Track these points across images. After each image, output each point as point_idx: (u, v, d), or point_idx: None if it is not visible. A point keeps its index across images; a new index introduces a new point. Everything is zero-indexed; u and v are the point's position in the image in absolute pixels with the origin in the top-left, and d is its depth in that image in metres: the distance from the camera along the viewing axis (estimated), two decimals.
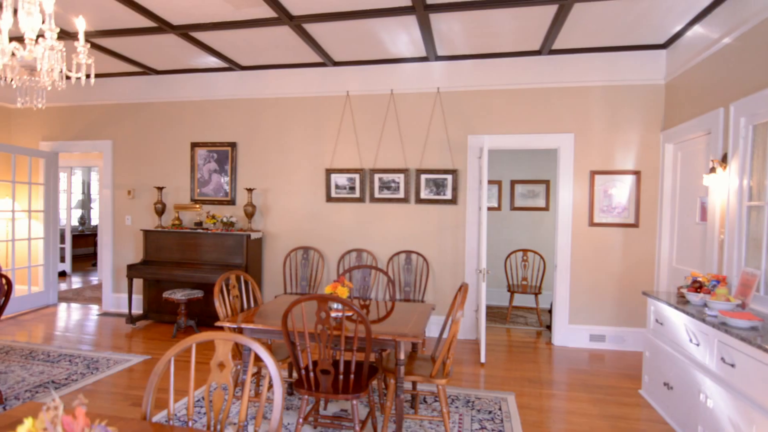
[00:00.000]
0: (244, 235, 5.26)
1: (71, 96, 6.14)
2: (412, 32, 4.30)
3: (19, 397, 3.37)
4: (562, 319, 4.91)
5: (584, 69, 4.78)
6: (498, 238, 6.84)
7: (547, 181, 6.78)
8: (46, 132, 6.36)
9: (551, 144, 4.93)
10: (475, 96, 5.08)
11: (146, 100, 5.98)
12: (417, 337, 2.54)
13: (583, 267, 4.87)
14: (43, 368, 3.95)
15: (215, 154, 5.77)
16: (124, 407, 3.27)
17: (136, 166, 6.06)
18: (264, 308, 3.18)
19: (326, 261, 5.45)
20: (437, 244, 5.20)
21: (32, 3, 2.38)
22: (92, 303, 6.51)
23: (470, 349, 4.75)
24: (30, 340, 4.81)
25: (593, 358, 4.52)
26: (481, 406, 3.36)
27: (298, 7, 3.83)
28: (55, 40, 2.45)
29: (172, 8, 3.89)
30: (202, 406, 3.27)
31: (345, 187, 5.37)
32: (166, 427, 1.45)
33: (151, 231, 5.55)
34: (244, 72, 5.57)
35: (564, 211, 4.88)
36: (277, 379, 1.56)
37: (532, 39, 4.42)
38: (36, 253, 6.33)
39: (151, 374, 1.62)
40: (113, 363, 4.12)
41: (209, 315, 5.35)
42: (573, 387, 3.78)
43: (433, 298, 5.21)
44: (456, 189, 5.11)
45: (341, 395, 2.46)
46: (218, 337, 1.66)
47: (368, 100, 5.34)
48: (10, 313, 5.75)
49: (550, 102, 4.91)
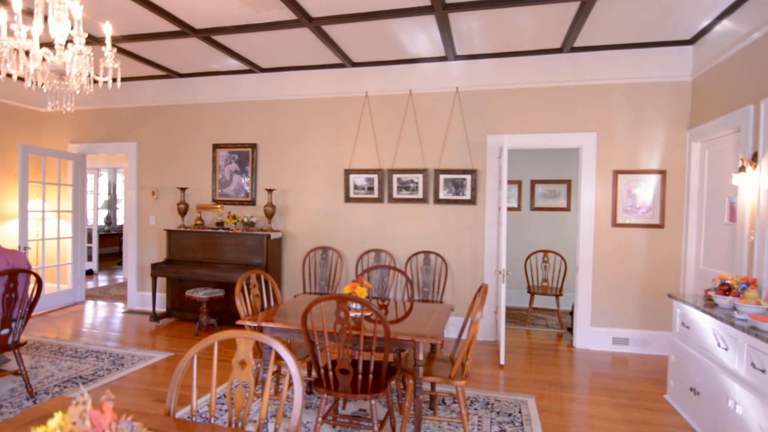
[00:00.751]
0: (264, 235, 5.32)
1: (98, 99, 6.31)
2: (431, 32, 4.28)
3: (49, 391, 3.48)
4: (584, 321, 4.82)
5: (607, 66, 4.68)
6: (518, 238, 6.76)
7: (568, 181, 6.68)
8: (75, 135, 6.56)
9: (573, 143, 4.85)
10: (494, 95, 5.03)
11: (170, 103, 6.11)
12: (436, 338, 2.53)
13: (605, 268, 4.77)
14: (71, 364, 4.07)
15: (236, 155, 5.86)
16: (148, 403, 3.34)
17: (159, 167, 6.19)
18: (284, 307, 3.21)
19: (345, 261, 5.48)
20: (456, 244, 5.16)
21: (62, 10, 2.46)
22: (118, 301, 6.69)
23: (489, 350, 4.71)
24: (59, 336, 4.96)
25: (616, 362, 4.42)
26: (501, 408, 3.32)
27: (318, 9, 3.86)
28: (83, 45, 2.52)
29: (195, 12, 3.96)
30: (223, 403, 3.32)
31: (363, 187, 5.39)
32: (189, 423, 1.47)
33: (174, 231, 5.67)
34: (264, 74, 5.64)
35: (586, 212, 4.80)
36: (297, 378, 1.57)
37: (552, 37, 4.35)
38: (64, 252, 6.53)
39: (175, 371, 1.65)
40: (138, 360, 4.21)
41: (230, 313, 5.44)
42: (595, 391, 3.71)
43: (452, 298, 5.19)
44: (475, 189, 5.07)
45: (360, 395, 2.47)
46: (240, 336, 1.68)
47: (387, 100, 5.34)
48: (40, 310, 5.94)
49: (571, 100, 4.83)
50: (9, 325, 3.14)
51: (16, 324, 3.21)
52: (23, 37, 2.40)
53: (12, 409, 3.16)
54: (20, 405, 3.22)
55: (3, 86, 5.99)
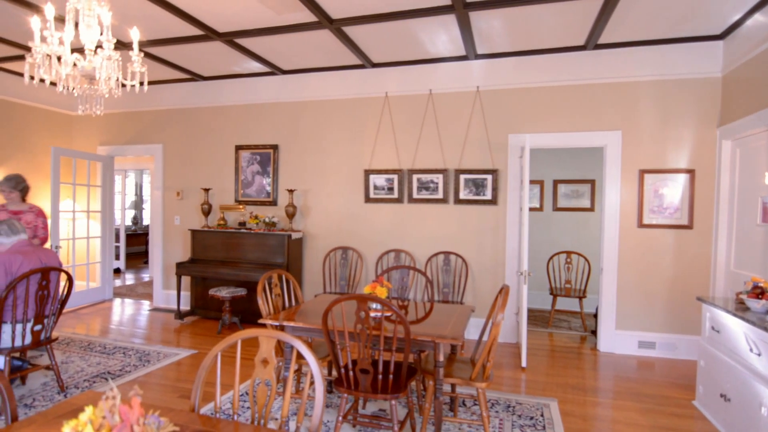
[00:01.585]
0: (285, 235, 5.38)
1: (125, 103, 6.49)
2: (451, 31, 4.26)
3: (79, 386, 3.59)
4: (609, 324, 4.72)
5: (633, 63, 4.57)
6: (540, 239, 6.67)
7: (592, 181, 6.55)
8: (103, 137, 6.76)
9: (597, 142, 4.76)
10: (516, 94, 4.97)
11: (194, 105, 6.24)
12: (456, 339, 2.51)
13: (631, 270, 4.66)
14: (100, 359, 4.19)
15: (258, 156, 5.94)
16: (173, 399, 3.41)
17: (184, 168, 6.33)
18: (305, 307, 3.24)
19: (365, 261, 5.49)
20: (476, 245, 5.12)
21: (91, 16, 2.54)
22: (144, 299, 6.86)
23: (510, 352, 4.65)
24: (88, 332, 5.12)
25: (642, 366, 4.32)
26: (522, 411, 3.28)
27: (338, 11, 3.88)
28: (112, 51, 2.59)
29: (219, 16, 4.04)
30: (245, 401, 3.37)
31: (383, 187, 5.40)
32: (212, 419, 1.50)
33: (198, 231, 5.78)
34: (285, 76, 5.71)
35: (611, 212, 4.69)
36: (319, 377, 1.58)
37: (576, 34, 4.28)
38: (94, 251, 6.73)
39: (199, 368, 1.68)
40: (163, 356, 4.31)
41: (252, 312, 5.52)
42: (620, 395, 3.63)
43: (472, 299, 5.14)
44: (496, 189, 5.02)
45: (380, 395, 2.47)
46: (262, 334, 1.71)
47: (407, 100, 5.34)
48: (71, 307, 6.14)
49: (595, 98, 4.73)
50: (41, 321, 3.26)
51: (48, 320, 3.32)
52: (55, 43, 2.48)
53: (44, 402, 3.27)
54: (52, 398, 3.33)
55: (36, 91, 6.22)
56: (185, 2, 3.77)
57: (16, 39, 4.68)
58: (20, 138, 6.18)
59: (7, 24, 4.28)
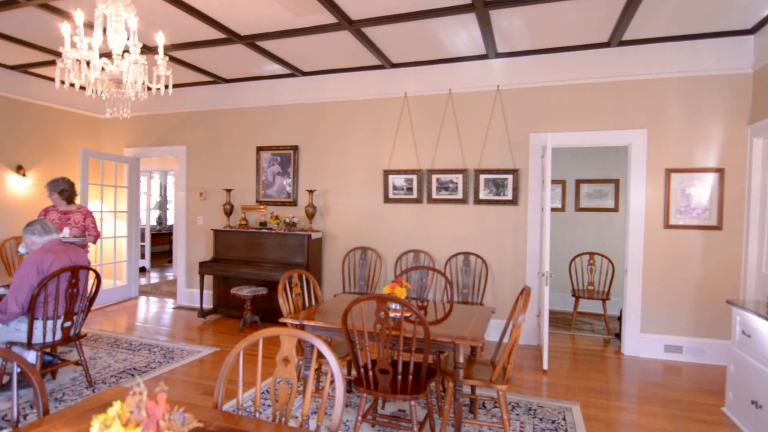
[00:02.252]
0: (305, 235, 5.43)
1: (150, 106, 6.64)
2: (471, 30, 4.23)
3: (106, 381, 3.69)
4: (633, 327, 4.61)
5: (659, 60, 4.46)
6: (562, 240, 6.56)
7: (616, 181, 6.41)
8: (130, 139, 6.94)
9: (621, 141, 4.66)
10: (537, 93, 4.91)
11: (216, 108, 6.35)
12: (476, 340, 2.49)
13: (657, 272, 4.54)
14: (126, 356, 4.31)
15: (278, 157, 6.01)
16: (196, 395, 3.48)
17: (207, 169, 6.45)
18: (324, 306, 3.26)
19: (384, 261, 5.50)
20: (497, 245, 5.07)
21: (119, 21, 2.61)
22: (168, 297, 7.01)
23: (531, 355, 4.59)
24: (115, 329, 5.26)
25: (668, 371, 4.20)
26: (544, 415, 3.23)
27: (358, 12, 3.89)
28: (138, 55, 2.66)
29: (240, 19, 4.10)
30: (265, 398, 3.41)
31: (402, 188, 5.39)
32: (235, 416, 1.52)
33: (220, 230, 5.88)
34: (305, 77, 5.76)
35: (636, 212, 4.59)
36: (339, 377, 1.59)
37: (599, 30, 4.20)
38: (120, 250, 6.92)
39: (222, 366, 1.71)
40: (186, 354, 4.40)
41: (272, 311, 5.58)
42: (645, 400, 3.54)
43: (492, 301, 5.10)
44: (517, 189, 4.96)
45: (399, 395, 2.47)
46: (283, 333, 1.72)
47: (426, 100, 5.32)
48: (98, 305, 6.32)
49: (620, 96, 4.63)
50: (71, 318, 3.36)
51: (77, 317, 3.43)
52: (84, 49, 2.56)
53: (73, 396, 3.38)
54: (80, 393, 3.43)
55: (66, 95, 6.42)
56: (209, 6, 3.84)
57: (47, 45, 4.84)
58: (51, 140, 6.40)
59: (39, 30, 4.43)
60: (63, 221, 4.31)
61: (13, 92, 5.88)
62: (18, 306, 3.10)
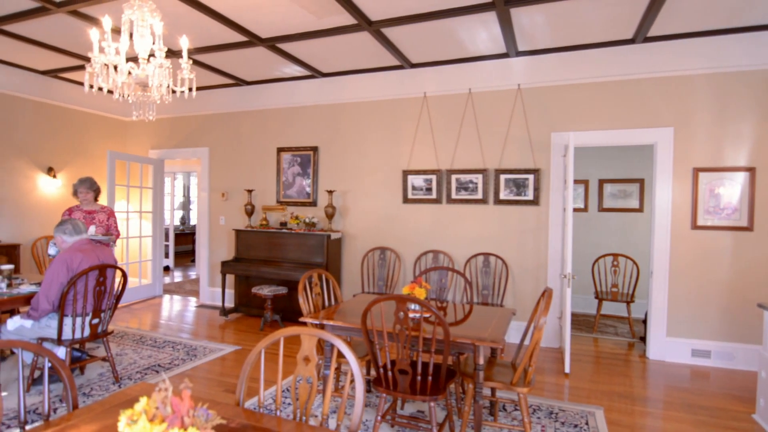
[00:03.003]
0: (325, 235, 5.46)
1: (174, 108, 6.79)
2: (492, 29, 4.19)
3: (132, 377, 3.79)
4: (659, 330, 4.49)
5: (686, 56, 4.34)
6: (584, 241, 6.44)
7: (640, 180, 6.26)
8: (154, 141, 7.10)
9: (646, 139, 4.55)
10: (559, 91, 4.83)
11: (237, 110, 6.45)
12: (497, 342, 2.47)
13: (684, 274, 4.42)
14: (151, 352, 4.41)
15: (298, 158, 6.07)
16: (218, 392, 3.54)
17: (229, 170, 6.55)
18: (344, 306, 3.27)
19: (403, 262, 5.49)
20: (517, 246, 5.01)
21: (145, 26, 2.67)
22: (191, 295, 7.15)
23: (553, 357, 4.52)
24: (140, 326, 5.39)
25: (696, 376, 4.08)
26: (566, 418, 3.18)
27: (377, 12, 3.90)
28: (163, 59, 2.72)
29: (261, 22, 4.15)
30: (286, 397, 3.44)
31: (422, 188, 5.38)
32: (256, 414, 1.54)
33: (241, 230, 5.97)
34: (324, 79, 5.80)
35: (662, 213, 4.47)
36: (359, 377, 1.60)
37: (623, 27, 4.10)
38: (145, 250, 7.09)
39: (244, 364, 1.74)
40: (209, 351, 4.48)
41: (292, 310, 5.64)
42: (671, 406, 3.45)
43: (513, 302, 5.04)
44: (538, 189, 4.89)
45: (419, 396, 2.46)
46: (304, 333, 1.74)
47: (445, 100, 5.30)
48: (124, 303, 6.49)
49: (644, 94, 4.53)
50: (99, 315, 3.46)
51: (104, 314, 3.52)
52: (112, 53, 2.64)
53: (101, 391, 3.47)
54: (107, 388, 3.53)
55: (94, 98, 6.61)
56: (231, 10, 3.90)
57: (76, 50, 4.99)
58: (80, 143, 6.60)
59: (69, 36, 4.57)
60: (88, 220, 4.45)
61: (45, 96, 6.09)
62: (49, 303, 3.21)
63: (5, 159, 5.71)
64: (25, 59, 5.35)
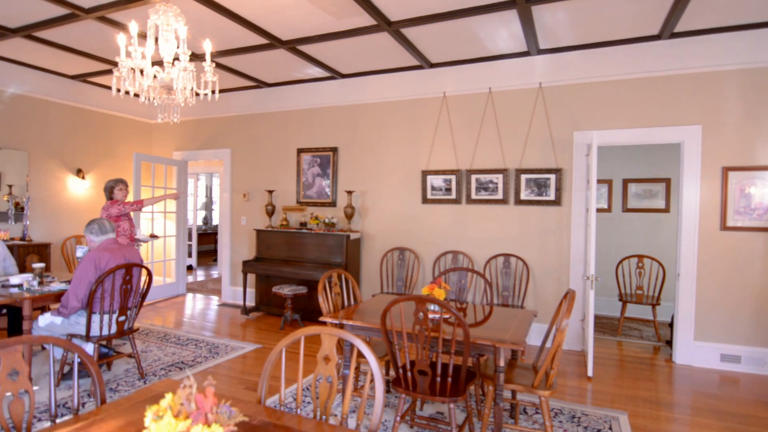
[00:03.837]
0: (344, 236, 5.49)
1: (197, 110, 6.92)
2: (513, 27, 4.15)
3: (156, 373, 3.88)
4: (686, 334, 4.37)
5: (715, 52, 4.21)
6: (608, 242, 6.31)
7: (666, 180, 6.10)
8: (178, 143, 7.26)
9: (673, 138, 4.43)
10: (581, 89, 4.75)
11: (259, 111, 6.54)
12: (517, 344, 2.44)
13: (712, 276, 4.29)
14: (175, 350, 4.50)
15: (318, 158, 6.11)
16: (240, 390, 3.59)
17: (250, 171, 6.65)
18: (363, 306, 3.28)
19: (422, 262, 5.48)
20: (539, 247, 4.94)
21: (169, 31, 2.73)
22: (213, 294, 7.28)
23: (575, 360, 4.44)
24: (164, 324, 5.52)
25: (725, 381, 3.96)
26: (589, 423, 3.12)
27: (397, 13, 3.90)
28: (187, 62, 2.77)
29: (282, 25, 4.20)
30: (305, 395, 3.47)
31: (441, 188, 5.35)
32: (277, 412, 1.56)
33: (262, 230, 6.05)
34: (344, 80, 5.82)
35: (689, 213, 4.35)
36: (379, 377, 1.60)
37: (649, 23, 4.01)
38: (169, 249, 7.24)
39: (266, 362, 1.76)
40: (230, 349, 4.55)
41: (312, 310, 5.68)
42: (699, 412, 3.35)
43: (534, 304, 4.97)
44: (560, 189, 4.81)
45: (438, 397, 2.45)
46: (324, 332, 1.75)
47: (465, 99, 5.26)
48: (149, 301, 6.64)
49: (671, 91, 4.41)
50: (125, 312, 3.55)
51: (130, 312, 3.62)
52: (138, 58, 2.70)
53: (127, 387, 3.57)
54: (133, 384, 3.62)
55: (121, 102, 6.80)
56: (252, 13, 3.96)
57: (104, 55, 5.14)
58: (107, 145, 6.79)
59: (97, 42, 4.71)
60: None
61: (74, 100, 6.28)
62: (78, 301, 3.31)
63: (37, 161, 5.92)
64: (56, 64, 5.54)
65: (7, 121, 5.62)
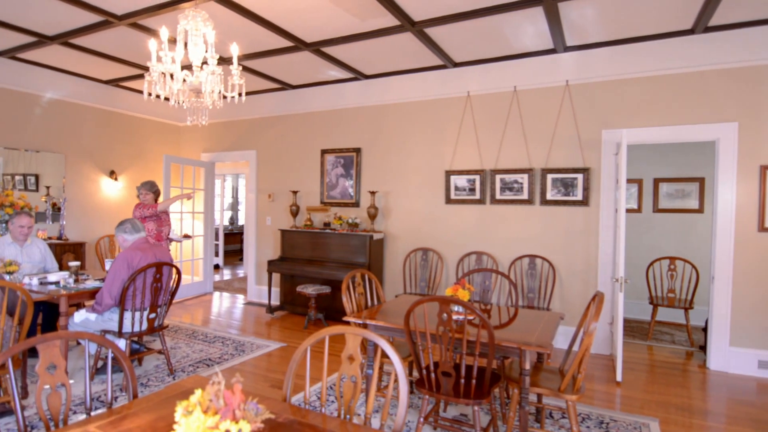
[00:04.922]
0: (367, 236, 5.51)
1: (224, 113, 7.07)
2: (538, 24, 4.08)
3: (185, 370, 3.97)
4: (721, 339, 4.21)
5: (752, 45, 4.04)
6: (637, 243, 6.13)
7: (700, 179, 5.89)
8: (206, 145, 7.42)
9: (707, 136, 4.27)
10: (610, 86, 4.63)
11: (283, 113, 6.63)
12: (544, 347, 2.40)
13: (749, 279, 4.12)
14: (202, 347, 4.60)
15: (342, 159, 6.15)
16: (265, 387, 3.65)
17: (275, 172, 6.74)
18: (386, 306, 3.29)
19: (445, 263, 5.44)
20: (565, 248, 4.85)
21: (198, 35, 2.80)
22: (239, 293, 7.41)
23: (603, 365, 4.33)
24: (192, 322, 5.65)
25: (763, 389, 3.79)
26: (618, 429, 3.04)
27: (420, 12, 3.89)
28: (215, 66, 2.84)
29: (306, 27, 4.25)
30: (329, 394, 3.50)
31: (465, 188, 5.31)
32: (302, 410, 1.58)
33: (286, 230, 6.12)
34: (368, 81, 5.84)
35: (725, 214, 4.19)
36: (403, 377, 1.60)
37: (681, 17, 3.88)
38: (197, 249, 7.41)
39: (291, 361, 1.78)
40: (256, 347, 4.63)
41: (335, 309, 5.72)
42: (735, 420, 3.22)
43: (560, 306, 4.87)
44: (587, 189, 4.71)
45: (462, 399, 2.43)
46: (348, 332, 1.76)
47: (489, 98, 5.20)
48: (178, 299, 6.82)
49: (706, 87, 4.26)
50: (155, 310, 3.65)
51: (160, 309, 3.72)
52: (168, 62, 2.78)
53: (156, 383, 3.67)
54: (163, 380, 3.72)
55: (152, 105, 7.00)
56: (277, 17, 4.02)
57: (135, 60, 5.30)
58: (138, 147, 7.01)
59: (128, 47, 4.87)
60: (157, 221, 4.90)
61: (107, 104, 6.51)
62: (111, 298, 3.42)
63: (73, 163, 6.15)
64: (90, 70, 5.74)
65: (45, 124, 5.86)
